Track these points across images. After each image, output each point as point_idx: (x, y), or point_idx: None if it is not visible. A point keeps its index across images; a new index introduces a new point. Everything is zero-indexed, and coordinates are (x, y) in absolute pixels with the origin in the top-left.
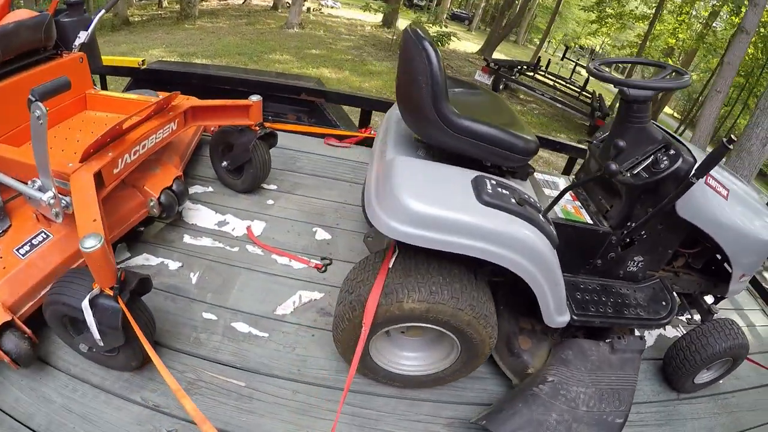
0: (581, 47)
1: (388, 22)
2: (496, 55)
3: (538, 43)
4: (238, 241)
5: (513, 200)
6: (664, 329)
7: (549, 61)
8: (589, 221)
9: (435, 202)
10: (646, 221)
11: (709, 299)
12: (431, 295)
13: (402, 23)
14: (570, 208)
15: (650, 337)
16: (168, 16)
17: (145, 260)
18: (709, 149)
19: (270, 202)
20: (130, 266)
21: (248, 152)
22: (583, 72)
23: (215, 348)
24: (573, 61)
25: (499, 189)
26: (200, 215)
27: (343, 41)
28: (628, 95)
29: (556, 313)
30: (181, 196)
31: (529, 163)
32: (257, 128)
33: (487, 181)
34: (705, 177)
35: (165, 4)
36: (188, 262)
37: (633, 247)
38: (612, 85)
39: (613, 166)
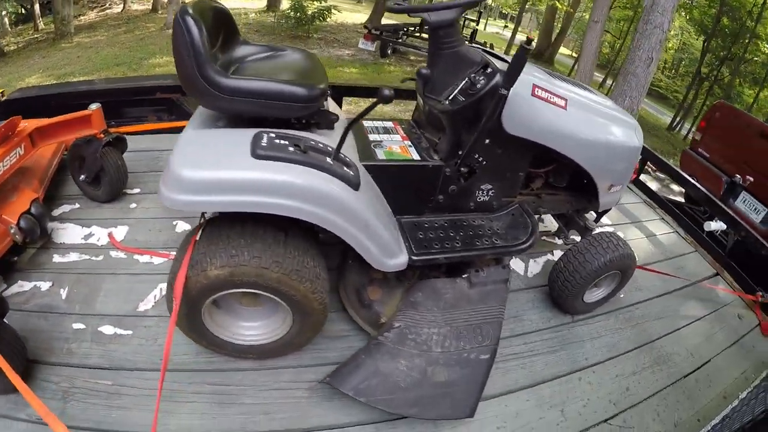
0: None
1: (272, 4)
2: (385, 22)
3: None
4: (102, 249)
5: (291, 149)
6: (552, 254)
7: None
8: (417, 158)
9: (208, 166)
10: (473, 146)
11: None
12: (231, 258)
13: (287, 4)
14: (396, 148)
15: (536, 264)
16: (44, 39)
17: (19, 287)
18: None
19: (133, 205)
20: (7, 296)
21: (98, 161)
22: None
23: (85, 354)
24: (463, 18)
25: (277, 141)
26: (67, 233)
27: None
28: (431, 21)
29: (385, 257)
30: (42, 218)
31: (331, 111)
32: (102, 135)
33: (266, 135)
34: (532, 89)
35: (41, 26)
36: (58, 279)
37: (475, 176)
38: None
39: (386, 91)
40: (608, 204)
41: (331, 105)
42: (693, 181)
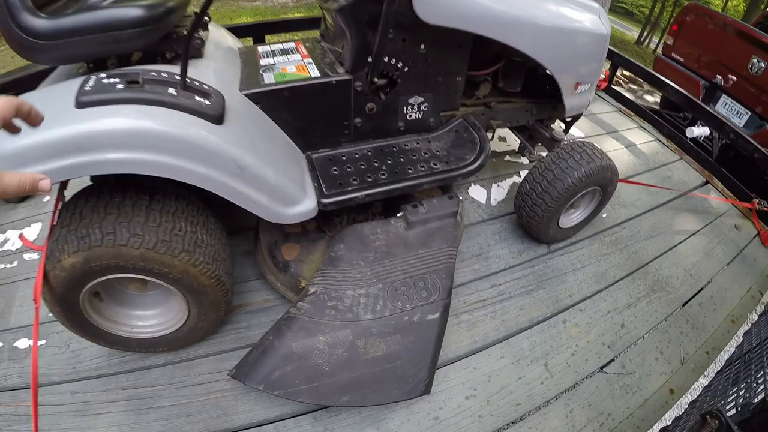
0: None
1: None
2: None
3: None
4: (16, 254)
5: (120, 86)
6: (519, 175)
7: None
8: (316, 74)
9: (26, 131)
10: (383, 47)
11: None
12: (81, 240)
13: None
14: (291, 69)
15: (500, 189)
16: None
17: None
18: None
19: (47, 199)
20: None
21: None
22: None
23: (3, 376)
24: None
25: (107, 80)
26: None
27: None
28: None
29: (281, 205)
30: None
31: (200, 40)
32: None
33: (94, 77)
34: None
35: None
36: None
37: (397, 87)
38: None
39: None
40: (576, 108)
41: (215, 34)
42: (671, 83)
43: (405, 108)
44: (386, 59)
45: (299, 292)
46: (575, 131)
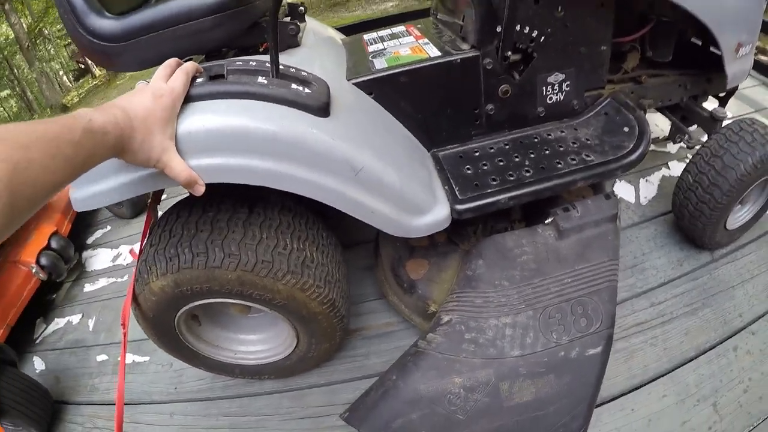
0: None
1: None
2: None
3: None
4: (128, 269)
5: (200, 80)
6: (668, 167)
7: None
8: (436, 54)
9: None
10: (514, 12)
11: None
12: (170, 261)
13: None
14: (406, 51)
15: (650, 185)
16: (102, 83)
17: (56, 325)
18: None
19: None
20: (46, 336)
21: None
22: None
23: (106, 389)
24: None
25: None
26: (98, 258)
27: None
28: None
29: (407, 216)
30: (64, 250)
31: (294, 25)
32: None
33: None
34: None
35: (97, 72)
36: (87, 310)
37: (534, 63)
38: None
39: None
40: (738, 76)
41: (313, 24)
42: None
43: (544, 88)
44: (518, 27)
45: (427, 318)
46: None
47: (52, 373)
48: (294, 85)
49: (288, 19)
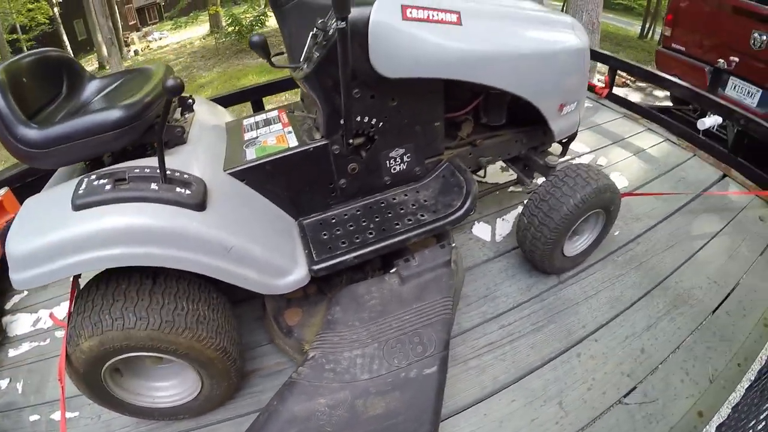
0: None
1: (214, 25)
2: None
3: None
4: (48, 332)
5: (108, 187)
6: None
7: None
8: (293, 144)
9: (32, 234)
10: (351, 109)
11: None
12: (95, 326)
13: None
14: (272, 140)
15: (506, 224)
16: None
17: None
18: None
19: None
20: None
21: None
22: None
23: None
24: None
25: (96, 182)
26: (18, 323)
27: (174, 67)
28: None
29: (271, 278)
30: None
31: (180, 128)
32: None
33: (86, 179)
34: (402, 12)
35: None
36: (15, 374)
37: (376, 144)
38: None
39: (170, 82)
40: (566, 130)
41: (204, 113)
42: (670, 77)
43: (387, 162)
44: (358, 118)
45: (304, 355)
46: (579, 147)
47: None
48: (178, 188)
49: (179, 111)
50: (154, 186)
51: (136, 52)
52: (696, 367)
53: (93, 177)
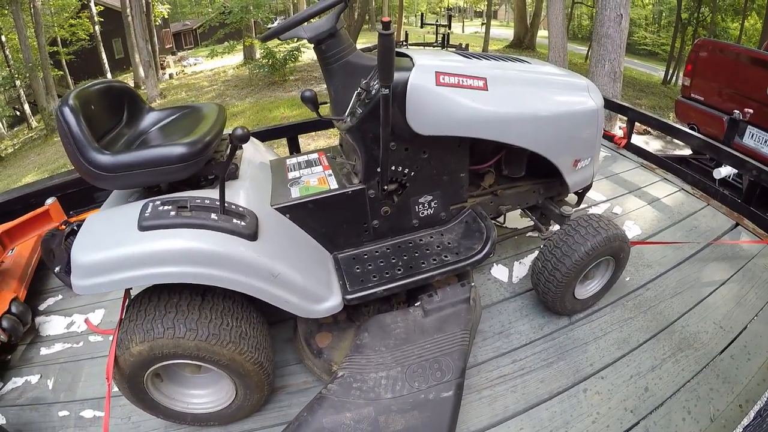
0: (448, 8)
1: (248, 56)
2: (359, 46)
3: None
4: (82, 335)
5: (173, 213)
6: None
7: (407, 34)
8: (335, 186)
9: (100, 247)
10: (387, 160)
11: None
12: (147, 332)
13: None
14: (314, 181)
15: (522, 267)
16: (38, 136)
17: (13, 384)
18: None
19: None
20: (4, 394)
21: (64, 251)
22: (457, 30)
23: None
24: (434, 24)
25: (161, 207)
26: (52, 324)
27: (206, 94)
28: (309, 38)
29: (310, 303)
30: (23, 315)
31: (234, 165)
32: (63, 227)
33: (151, 204)
34: (436, 78)
35: (34, 123)
36: (45, 371)
37: (407, 191)
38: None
39: (239, 131)
40: (580, 183)
41: (249, 150)
42: (683, 128)
43: (416, 207)
44: (393, 168)
45: (332, 375)
46: (596, 195)
47: (13, 427)
48: (235, 219)
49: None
50: (213, 216)
51: (171, 76)
52: (698, 407)
53: (158, 203)
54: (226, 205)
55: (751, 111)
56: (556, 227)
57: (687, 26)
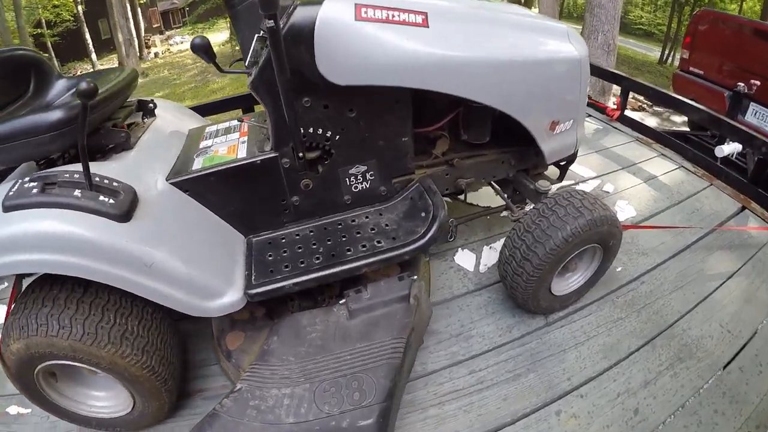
0: None
1: (232, 33)
2: None
3: None
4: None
5: (35, 191)
6: None
7: None
8: (242, 155)
9: None
10: (295, 118)
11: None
12: (22, 329)
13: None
14: (223, 150)
15: (494, 253)
16: None
17: None
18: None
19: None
20: None
21: None
22: None
23: None
24: None
25: (27, 185)
26: None
27: (188, 72)
28: None
29: (200, 299)
30: None
31: (125, 133)
32: None
33: (20, 181)
34: (356, 12)
35: None
36: None
37: (333, 159)
38: None
39: (84, 84)
40: (560, 152)
41: (166, 118)
42: (688, 100)
43: (347, 180)
44: (311, 130)
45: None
46: (585, 171)
47: None
48: (102, 197)
49: (140, 114)
50: (77, 193)
51: (156, 54)
52: None
53: (27, 179)
54: (97, 179)
55: (757, 83)
56: (531, 207)
57: (684, 6)
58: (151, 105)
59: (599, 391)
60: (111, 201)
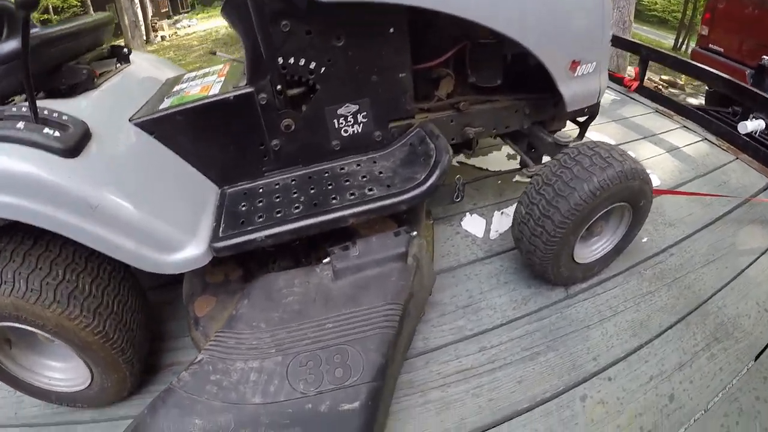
0: None
1: None
2: None
3: None
4: None
5: None
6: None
7: None
8: (215, 92)
9: None
10: (270, 45)
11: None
12: None
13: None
14: (196, 89)
15: (506, 218)
16: None
17: None
18: None
19: None
20: None
21: None
22: None
23: None
24: None
25: None
26: None
27: (194, 53)
28: None
29: (156, 251)
30: None
31: (87, 70)
32: None
33: None
34: None
35: None
36: None
37: (318, 95)
38: None
39: None
40: (581, 98)
41: (143, 65)
42: (713, 70)
43: (336, 121)
44: (291, 60)
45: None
46: (602, 139)
47: None
48: (47, 129)
49: (115, 59)
50: (20, 125)
51: (162, 38)
52: (741, 425)
53: None
54: (46, 113)
55: None
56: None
57: None
58: (125, 50)
59: (629, 373)
60: (56, 134)
